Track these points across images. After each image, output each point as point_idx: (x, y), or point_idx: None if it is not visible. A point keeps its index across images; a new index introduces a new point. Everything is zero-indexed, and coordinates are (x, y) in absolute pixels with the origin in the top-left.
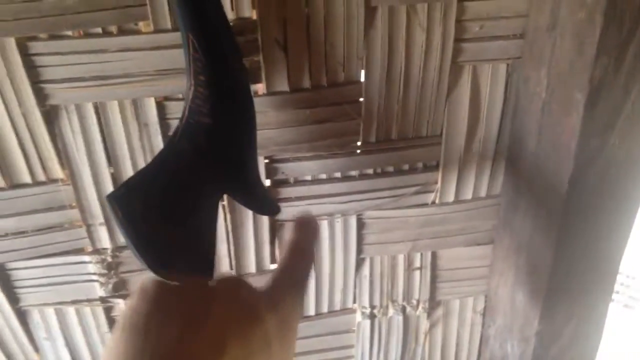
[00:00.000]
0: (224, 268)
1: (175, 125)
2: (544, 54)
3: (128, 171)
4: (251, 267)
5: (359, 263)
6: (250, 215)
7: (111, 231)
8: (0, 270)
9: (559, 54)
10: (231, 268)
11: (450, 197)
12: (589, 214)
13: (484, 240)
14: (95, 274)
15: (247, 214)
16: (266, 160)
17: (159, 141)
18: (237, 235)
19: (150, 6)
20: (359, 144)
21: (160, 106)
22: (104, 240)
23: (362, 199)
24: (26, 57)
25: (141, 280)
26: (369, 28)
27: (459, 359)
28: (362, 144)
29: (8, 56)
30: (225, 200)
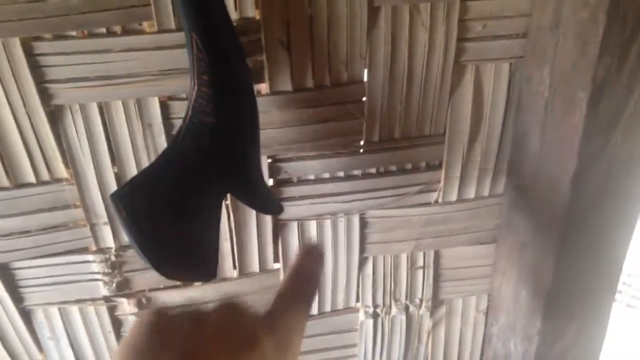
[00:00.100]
0: (227, 267)
1: (178, 125)
2: (546, 54)
3: (132, 171)
4: (254, 266)
5: (362, 262)
6: (253, 215)
7: (115, 230)
8: (4, 270)
9: (561, 53)
10: (234, 267)
11: (453, 196)
12: (591, 213)
13: (487, 239)
14: (99, 273)
15: (251, 213)
16: (269, 160)
17: (162, 141)
18: (240, 234)
19: (154, 6)
20: (362, 143)
21: (164, 106)
22: (108, 240)
23: (365, 198)
24: (31, 57)
25: (138, 315)
26: (372, 28)
27: (461, 357)
28: (365, 144)
29: (13, 56)
30: (229, 200)
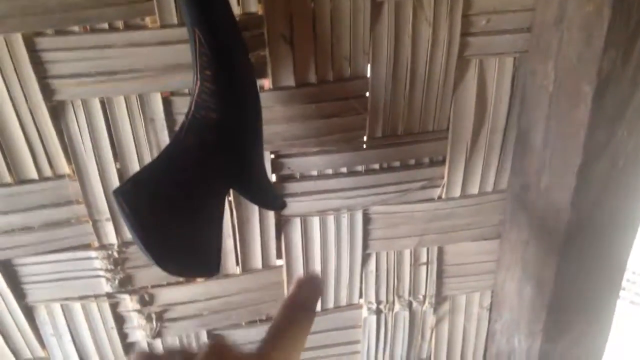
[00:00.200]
0: (229, 263)
1: (181, 120)
2: (551, 48)
3: (134, 166)
4: (257, 263)
5: (365, 258)
6: (256, 211)
7: (117, 227)
8: (6, 266)
9: (566, 47)
10: (237, 263)
11: (457, 192)
12: (597, 207)
13: (491, 235)
14: (101, 269)
15: (253, 210)
16: (272, 156)
17: (165, 136)
18: (243, 230)
19: (156, 1)
20: (365, 139)
21: (167, 101)
22: (111, 236)
23: (368, 194)
24: (33, 53)
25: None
26: (375, 23)
27: (465, 354)
28: (368, 139)
29: (15, 52)
30: (232, 196)
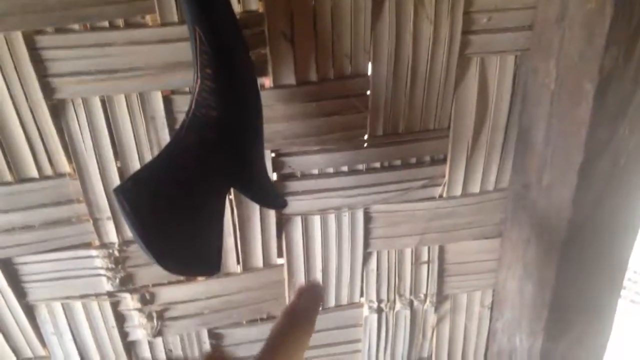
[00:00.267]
0: (230, 262)
1: (182, 119)
2: (552, 45)
3: (135, 165)
4: (258, 261)
5: (366, 257)
6: (257, 209)
7: (118, 225)
8: (7, 265)
9: (568, 45)
10: (238, 262)
11: (458, 191)
12: (598, 206)
13: (492, 233)
14: (102, 268)
15: (254, 208)
16: (273, 154)
17: (165, 135)
18: (244, 229)
19: None
20: (366, 137)
21: (167, 100)
22: (111, 235)
23: (369, 192)
24: (33, 51)
25: None
26: (376, 20)
27: (466, 353)
28: (369, 137)
29: (15, 50)
30: (232, 194)
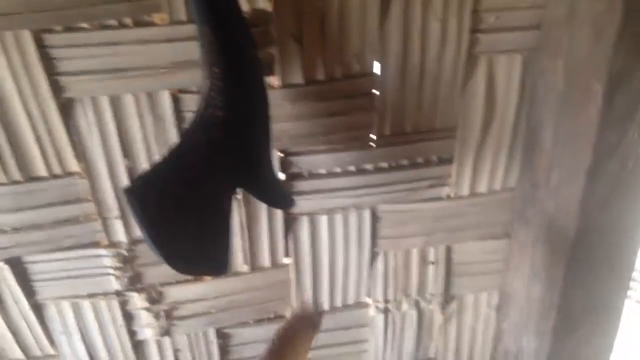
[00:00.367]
0: (238, 261)
1: (190, 118)
2: (561, 45)
3: (143, 164)
4: (265, 261)
5: (373, 257)
6: (264, 209)
7: (126, 224)
8: (16, 264)
9: (576, 44)
10: (245, 261)
11: (465, 191)
12: (606, 207)
13: (499, 234)
14: (110, 267)
15: (262, 208)
16: (281, 154)
17: (173, 134)
18: (252, 228)
19: None
20: (373, 137)
21: (175, 99)
22: (120, 234)
23: (377, 192)
24: (42, 50)
25: None
26: (384, 19)
27: (472, 353)
28: (377, 137)
29: (24, 48)
30: (240, 194)
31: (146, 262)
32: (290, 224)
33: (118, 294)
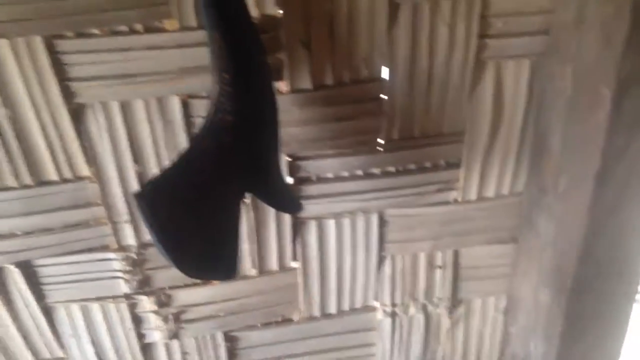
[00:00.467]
0: (246, 265)
1: (199, 123)
2: (569, 50)
3: (153, 169)
4: (273, 265)
5: (381, 261)
6: (272, 213)
7: (136, 228)
8: (26, 267)
9: (585, 49)
10: (254, 265)
11: (473, 195)
12: (615, 212)
13: (507, 238)
14: (120, 270)
15: (270, 212)
16: (289, 158)
17: (183, 139)
18: (260, 232)
19: (176, 4)
20: (381, 141)
21: (185, 104)
22: (129, 238)
23: (384, 196)
24: (53, 55)
25: None
26: (392, 24)
27: (480, 357)
28: (385, 142)
29: (35, 54)
30: (249, 198)
31: (155, 266)
32: (298, 228)
33: (127, 297)
